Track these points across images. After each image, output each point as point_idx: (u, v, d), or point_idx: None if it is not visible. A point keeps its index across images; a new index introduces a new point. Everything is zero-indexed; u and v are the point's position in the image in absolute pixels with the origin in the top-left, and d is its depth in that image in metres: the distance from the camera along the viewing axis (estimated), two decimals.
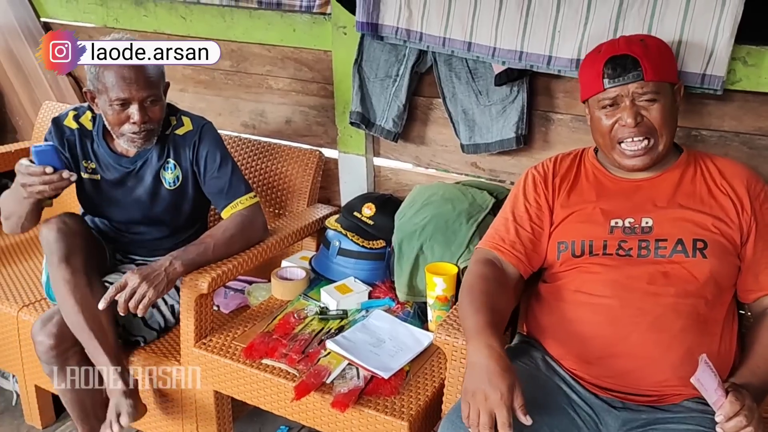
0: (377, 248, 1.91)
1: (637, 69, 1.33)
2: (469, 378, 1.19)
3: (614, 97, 1.36)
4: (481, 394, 1.15)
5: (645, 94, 1.35)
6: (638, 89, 1.34)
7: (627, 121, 1.35)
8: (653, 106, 1.35)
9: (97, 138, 1.82)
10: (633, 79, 1.34)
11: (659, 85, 1.35)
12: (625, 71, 1.34)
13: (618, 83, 1.35)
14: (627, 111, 1.35)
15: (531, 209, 1.48)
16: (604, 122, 1.40)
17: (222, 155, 1.83)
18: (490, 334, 1.22)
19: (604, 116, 1.39)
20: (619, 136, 1.38)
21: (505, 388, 1.14)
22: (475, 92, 1.88)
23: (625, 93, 1.35)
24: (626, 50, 1.35)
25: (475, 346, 1.21)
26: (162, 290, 1.59)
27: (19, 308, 1.94)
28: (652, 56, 1.35)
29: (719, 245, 1.33)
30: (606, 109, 1.39)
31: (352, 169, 2.21)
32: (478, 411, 1.14)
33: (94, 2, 2.47)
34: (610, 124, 1.39)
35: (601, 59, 1.38)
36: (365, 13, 1.89)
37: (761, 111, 1.61)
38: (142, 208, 1.85)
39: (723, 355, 1.32)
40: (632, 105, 1.35)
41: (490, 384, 1.15)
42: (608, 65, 1.36)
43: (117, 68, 1.64)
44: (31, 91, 2.83)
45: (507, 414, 1.12)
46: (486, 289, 1.36)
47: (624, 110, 1.36)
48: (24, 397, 2.12)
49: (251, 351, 1.62)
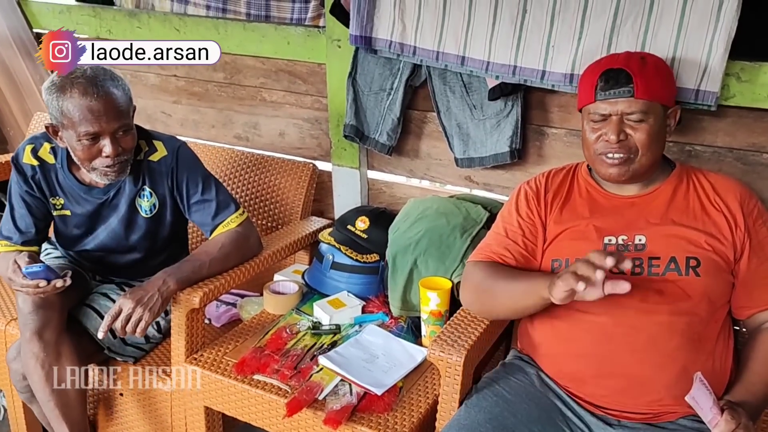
0: (371, 262, 1.90)
1: (628, 85, 1.32)
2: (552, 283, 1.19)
3: (604, 113, 1.36)
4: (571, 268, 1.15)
5: (633, 113, 1.34)
6: (626, 108, 1.33)
7: (610, 137, 1.34)
8: (640, 125, 1.34)
9: (62, 171, 1.73)
10: (623, 95, 1.33)
11: (649, 105, 1.34)
12: (617, 85, 1.33)
13: (608, 96, 1.34)
14: (612, 126, 1.34)
15: (523, 224, 1.47)
16: (588, 135, 1.40)
17: (203, 177, 1.77)
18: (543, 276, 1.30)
19: (590, 129, 1.39)
20: (600, 150, 1.38)
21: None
22: (469, 106, 1.88)
23: (614, 111, 1.34)
24: (622, 65, 1.35)
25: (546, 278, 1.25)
26: (157, 311, 1.57)
27: (7, 322, 1.92)
28: (648, 75, 1.34)
29: (712, 263, 1.33)
30: (595, 122, 1.38)
31: (345, 182, 2.20)
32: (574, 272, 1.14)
33: (88, 14, 2.46)
34: (594, 138, 1.38)
35: (598, 70, 1.38)
36: (359, 26, 1.89)
37: (755, 127, 1.62)
38: (117, 238, 1.79)
39: (718, 372, 1.32)
40: (619, 122, 1.34)
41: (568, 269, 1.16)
42: (602, 77, 1.35)
43: (83, 100, 1.52)
44: (22, 102, 2.81)
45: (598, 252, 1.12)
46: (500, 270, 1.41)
47: (609, 125, 1.35)
48: (11, 412, 2.09)
49: (243, 366, 1.60)
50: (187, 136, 2.46)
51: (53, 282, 1.54)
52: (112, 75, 1.59)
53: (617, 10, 1.58)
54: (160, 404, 1.78)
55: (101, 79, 1.55)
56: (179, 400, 1.72)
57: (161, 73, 2.47)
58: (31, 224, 1.75)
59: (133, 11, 2.43)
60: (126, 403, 1.83)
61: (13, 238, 1.74)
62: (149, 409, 1.80)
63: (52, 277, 1.55)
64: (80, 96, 1.52)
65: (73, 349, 1.67)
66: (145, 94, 2.52)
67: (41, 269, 1.54)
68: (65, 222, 1.79)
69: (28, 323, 1.62)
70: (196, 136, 2.48)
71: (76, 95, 1.52)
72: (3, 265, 1.67)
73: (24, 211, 1.74)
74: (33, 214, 1.75)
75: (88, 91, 1.53)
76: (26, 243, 1.74)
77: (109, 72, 1.60)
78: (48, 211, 1.78)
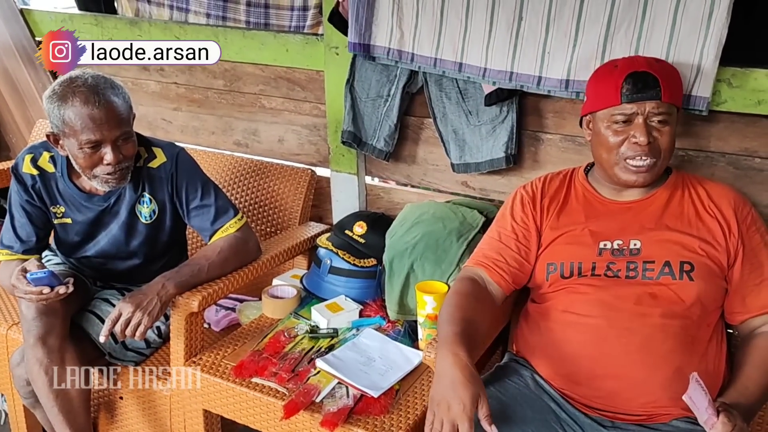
0: (368, 266, 1.91)
1: (656, 88, 1.32)
2: (435, 387, 1.19)
3: (630, 114, 1.35)
4: (445, 403, 1.15)
5: (659, 114, 1.34)
6: (654, 109, 1.33)
7: (640, 140, 1.33)
8: (665, 128, 1.35)
9: (62, 179, 1.74)
10: (652, 97, 1.33)
11: (671, 108, 1.35)
12: (645, 88, 1.33)
13: (637, 99, 1.33)
14: (641, 129, 1.33)
15: (517, 228, 1.48)
16: (611, 138, 1.37)
17: (202, 182, 1.78)
18: (458, 343, 1.22)
19: (612, 132, 1.37)
20: (628, 154, 1.36)
21: (468, 398, 1.13)
22: (465, 112, 1.90)
23: (641, 111, 1.34)
24: (647, 68, 1.35)
25: (443, 354, 1.21)
26: (156, 315, 1.58)
27: (9, 326, 1.93)
28: (670, 77, 1.36)
29: (706, 268, 1.34)
30: (617, 125, 1.36)
31: (344, 187, 2.22)
32: (441, 421, 1.14)
33: (89, 22, 2.49)
34: (618, 141, 1.37)
35: (619, 74, 1.36)
36: (357, 34, 1.91)
37: (747, 132, 1.63)
38: (117, 244, 1.81)
39: (711, 375, 1.33)
40: (645, 124, 1.34)
41: (454, 393, 1.14)
42: (629, 80, 1.34)
43: (84, 109, 1.54)
44: (25, 110, 2.84)
45: (469, 426, 1.11)
46: (460, 303, 1.37)
47: (637, 128, 1.34)
48: (12, 416, 2.10)
49: (241, 369, 1.62)
50: (188, 142, 2.48)
51: (56, 289, 1.55)
52: (112, 83, 1.61)
53: (611, 17, 1.60)
54: (159, 407, 1.79)
55: (102, 88, 1.57)
56: (178, 403, 1.73)
57: (162, 80, 2.49)
58: (32, 233, 1.76)
59: (134, 19, 2.46)
60: (126, 407, 1.85)
61: (14, 247, 1.76)
62: (149, 413, 1.81)
63: (56, 283, 1.56)
64: (81, 104, 1.54)
65: (76, 354, 1.69)
66: (146, 101, 2.54)
67: (46, 275, 1.54)
68: (66, 230, 1.81)
69: (31, 329, 1.63)
70: (196, 142, 2.50)
71: (78, 104, 1.54)
72: (5, 274, 1.69)
73: (24, 220, 1.75)
74: (33, 223, 1.76)
75: (90, 99, 1.54)
76: (27, 252, 1.76)
77: (109, 80, 1.61)
78: (48, 220, 1.79)
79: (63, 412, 1.66)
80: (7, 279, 1.62)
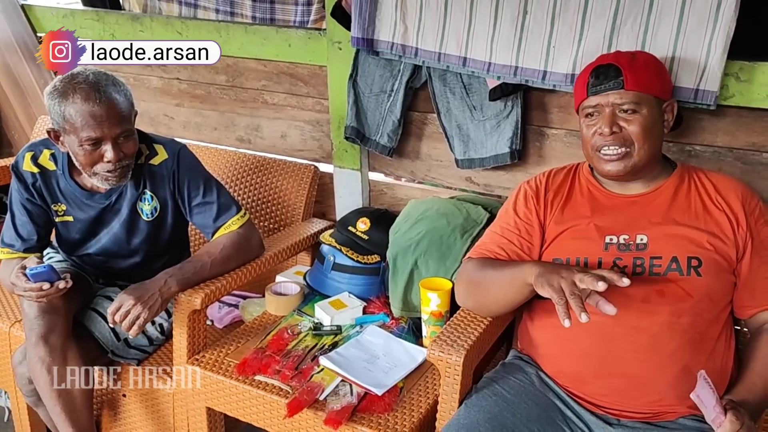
0: (372, 263, 1.90)
1: (618, 78, 1.35)
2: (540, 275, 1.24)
3: (595, 106, 1.38)
4: (556, 276, 1.20)
5: (624, 104, 1.35)
6: (617, 99, 1.35)
7: (603, 130, 1.36)
8: (633, 117, 1.36)
9: (63, 177, 1.72)
10: (613, 87, 1.35)
11: (641, 97, 1.35)
12: (606, 79, 1.36)
13: (600, 90, 1.36)
14: (604, 120, 1.36)
15: (520, 223, 1.48)
16: (585, 132, 1.42)
17: (204, 179, 1.77)
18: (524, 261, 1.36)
19: (585, 126, 1.41)
20: (597, 145, 1.39)
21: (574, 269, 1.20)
22: (469, 107, 1.88)
23: (605, 103, 1.36)
24: (612, 60, 1.38)
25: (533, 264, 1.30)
26: (156, 311, 1.57)
27: (11, 324, 1.93)
28: (637, 68, 1.36)
29: (714, 263, 1.33)
30: (588, 118, 1.40)
31: (347, 183, 2.20)
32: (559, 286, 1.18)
33: (91, 18, 2.48)
34: (590, 134, 1.40)
35: (588, 69, 1.41)
36: (361, 28, 1.90)
37: (754, 126, 1.62)
38: (119, 242, 1.79)
39: (719, 372, 1.32)
40: (611, 115, 1.36)
41: (561, 270, 1.21)
42: (593, 73, 1.39)
43: (85, 106, 1.52)
44: (27, 106, 2.83)
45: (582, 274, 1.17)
46: (482, 263, 1.46)
47: (601, 119, 1.37)
48: (16, 413, 2.10)
49: (244, 367, 1.61)
50: (190, 138, 2.47)
51: (56, 284, 1.54)
52: (114, 80, 1.59)
53: (617, 10, 1.59)
54: (162, 405, 1.79)
55: (103, 85, 1.55)
56: (181, 401, 1.72)
57: (164, 76, 2.48)
58: (33, 231, 1.75)
59: (136, 15, 2.45)
60: (129, 405, 1.84)
61: (15, 245, 1.75)
62: (152, 411, 1.81)
63: (56, 278, 1.55)
64: (82, 101, 1.53)
65: (79, 352, 1.68)
66: (148, 97, 2.53)
67: (45, 269, 1.54)
68: (67, 228, 1.80)
69: (34, 328, 1.63)
70: (198, 138, 2.49)
71: (79, 101, 1.53)
72: (6, 273, 1.68)
73: (25, 219, 1.74)
74: (34, 221, 1.75)
75: (91, 96, 1.53)
76: (28, 250, 1.75)
77: (111, 77, 1.60)
78: (49, 218, 1.78)
79: (66, 411, 1.66)
80: (8, 278, 1.62)
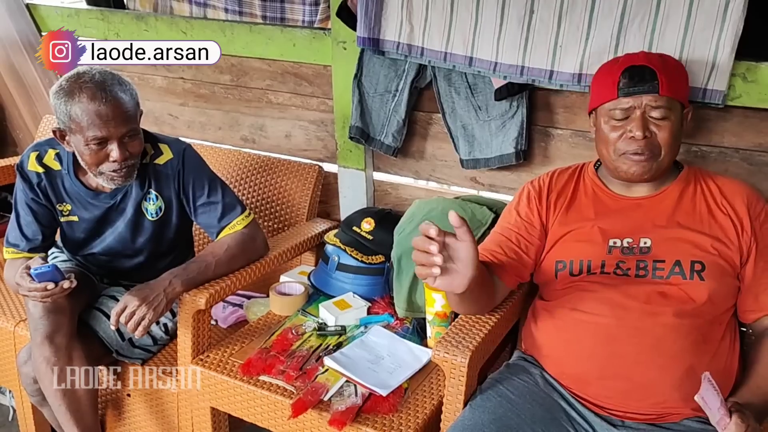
0: (376, 263, 1.90)
1: (653, 81, 1.32)
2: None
3: (627, 108, 1.34)
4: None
5: (657, 108, 1.32)
6: (651, 102, 1.32)
7: (636, 134, 1.32)
8: (664, 123, 1.33)
9: (68, 177, 1.72)
10: (648, 90, 1.32)
11: (672, 102, 1.34)
12: (642, 81, 1.32)
13: (633, 92, 1.32)
14: (637, 123, 1.33)
15: (520, 222, 1.47)
16: (609, 134, 1.37)
17: (209, 179, 1.76)
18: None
19: (611, 128, 1.37)
20: (624, 149, 1.35)
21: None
22: (474, 107, 1.88)
23: (638, 104, 1.33)
24: (645, 61, 1.34)
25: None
26: (161, 311, 1.57)
27: (16, 323, 1.93)
28: (669, 71, 1.34)
29: (718, 267, 1.32)
30: (615, 120, 1.36)
31: (351, 183, 2.20)
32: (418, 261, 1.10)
33: (96, 17, 2.48)
34: (616, 136, 1.36)
35: (618, 68, 1.36)
36: (367, 28, 1.89)
37: (761, 127, 1.61)
38: (124, 241, 1.79)
39: (724, 374, 1.31)
40: (642, 117, 1.33)
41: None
42: (625, 74, 1.34)
43: (91, 105, 1.52)
44: (31, 105, 2.83)
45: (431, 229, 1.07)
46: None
47: (634, 122, 1.33)
48: (20, 412, 2.10)
49: (248, 367, 1.61)
50: (194, 138, 2.47)
51: (60, 284, 1.54)
52: (120, 80, 1.59)
53: (624, 10, 1.58)
54: (166, 405, 1.78)
55: (109, 84, 1.55)
56: (186, 401, 1.72)
57: (168, 75, 2.48)
58: (38, 231, 1.75)
59: (141, 14, 2.45)
60: (133, 404, 1.84)
61: (20, 245, 1.75)
62: (156, 410, 1.81)
63: (60, 278, 1.55)
64: (88, 101, 1.53)
65: (84, 352, 1.68)
66: (153, 96, 2.53)
67: (50, 269, 1.54)
68: (72, 227, 1.80)
69: (39, 328, 1.63)
70: (202, 138, 2.49)
71: (85, 100, 1.52)
72: (11, 272, 1.68)
73: (30, 219, 1.74)
74: (39, 221, 1.75)
75: (97, 95, 1.53)
76: (33, 250, 1.75)
77: (117, 77, 1.60)
78: (54, 218, 1.78)
79: (70, 411, 1.66)
80: (13, 278, 1.62)
